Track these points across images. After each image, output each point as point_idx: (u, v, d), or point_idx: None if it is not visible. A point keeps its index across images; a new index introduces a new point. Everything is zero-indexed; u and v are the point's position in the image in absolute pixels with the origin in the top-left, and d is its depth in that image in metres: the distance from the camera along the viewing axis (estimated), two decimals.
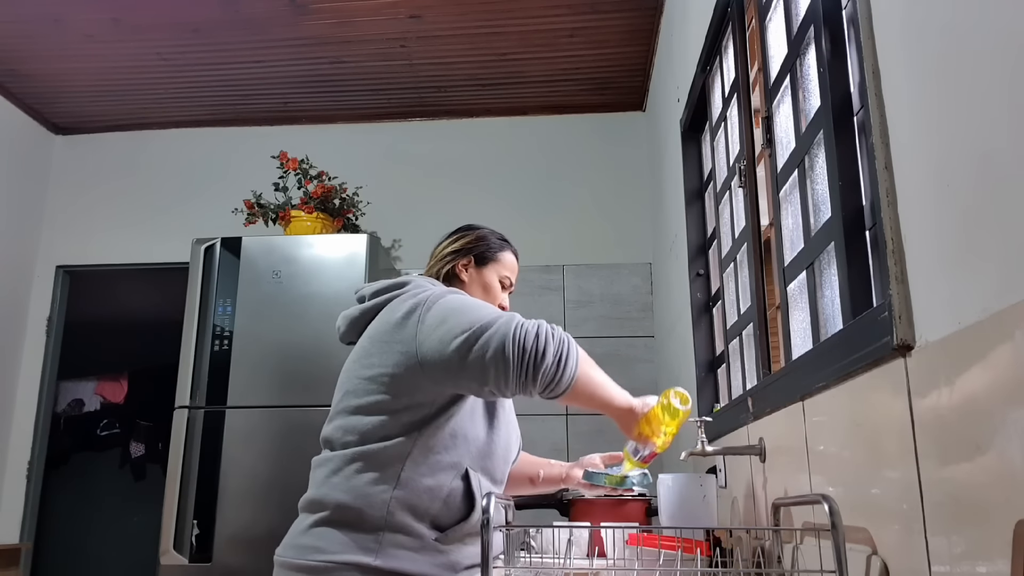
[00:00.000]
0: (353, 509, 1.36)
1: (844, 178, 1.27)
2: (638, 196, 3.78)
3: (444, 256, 1.67)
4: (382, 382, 1.42)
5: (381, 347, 1.45)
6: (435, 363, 1.37)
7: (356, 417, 1.44)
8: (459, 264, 1.66)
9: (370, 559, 1.32)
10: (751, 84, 1.98)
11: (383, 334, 1.46)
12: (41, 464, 3.79)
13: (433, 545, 1.36)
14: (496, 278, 1.68)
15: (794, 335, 1.65)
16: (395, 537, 1.34)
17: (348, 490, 1.38)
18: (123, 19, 3.21)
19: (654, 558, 1.31)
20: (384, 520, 1.34)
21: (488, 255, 1.68)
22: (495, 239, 1.72)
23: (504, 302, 1.69)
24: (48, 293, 3.92)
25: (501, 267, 1.69)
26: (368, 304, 1.55)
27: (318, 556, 1.34)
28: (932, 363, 0.91)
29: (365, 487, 1.37)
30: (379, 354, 1.44)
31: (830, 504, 1.03)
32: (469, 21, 3.22)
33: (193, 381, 3.04)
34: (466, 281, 1.65)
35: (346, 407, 1.46)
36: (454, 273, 1.65)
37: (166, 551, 2.87)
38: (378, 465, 1.38)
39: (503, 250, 1.71)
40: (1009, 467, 0.75)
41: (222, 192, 3.81)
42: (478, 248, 1.68)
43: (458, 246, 1.68)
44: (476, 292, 1.64)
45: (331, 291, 3.08)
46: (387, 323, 1.47)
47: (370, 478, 1.37)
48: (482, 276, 1.67)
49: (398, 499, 1.36)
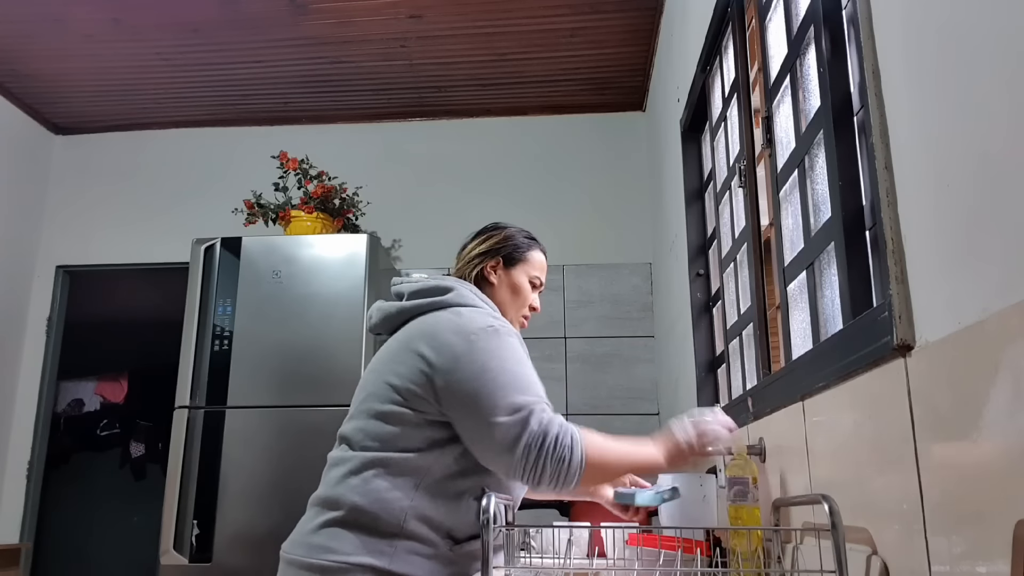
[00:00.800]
0: (369, 513, 1.34)
1: (844, 178, 1.27)
2: (638, 196, 3.78)
3: (472, 258, 1.63)
4: (406, 395, 1.40)
5: (412, 359, 1.41)
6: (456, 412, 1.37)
7: (376, 423, 1.41)
8: (487, 266, 1.61)
9: (384, 563, 1.31)
10: (751, 84, 1.98)
11: (417, 346, 1.43)
12: (41, 464, 3.79)
13: (447, 555, 1.35)
14: (526, 279, 1.63)
15: (794, 335, 1.65)
16: (409, 544, 1.33)
17: (365, 493, 1.36)
18: (123, 19, 3.21)
19: (654, 558, 1.31)
20: (400, 527, 1.33)
21: (516, 255, 1.64)
22: (523, 238, 1.67)
23: (535, 302, 1.65)
24: (48, 293, 3.91)
25: (530, 267, 1.64)
26: (407, 304, 1.52)
27: (331, 556, 1.33)
28: (932, 363, 0.91)
29: (382, 493, 1.35)
30: (409, 365, 1.41)
31: (830, 504, 1.03)
32: (469, 21, 3.22)
33: (193, 381, 3.04)
34: (495, 284, 1.61)
35: (367, 410, 1.44)
36: (483, 275, 1.61)
37: (166, 551, 2.87)
38: (397, 473, 1.37)
39: (531, 249, 1.66)
40: (1009, 467, 0.75)
41: (222, 192, 3.80)
42: (506, 249, 1.63)
43: (485, 247, 1.63)
44: (505, 294, 1.60)
45: (331, 291, 3.08)
46: (422, 336, 1.44)
47: (388, 485, 1.36)
48: (511, 277, 1.62)
49: (415, 508, 1.34)
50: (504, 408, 1.33)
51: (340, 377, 2.93)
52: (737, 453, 1.46)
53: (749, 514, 1.41)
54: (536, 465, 1.31)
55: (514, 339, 1.45)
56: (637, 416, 3.50)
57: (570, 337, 3.64)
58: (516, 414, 1.33)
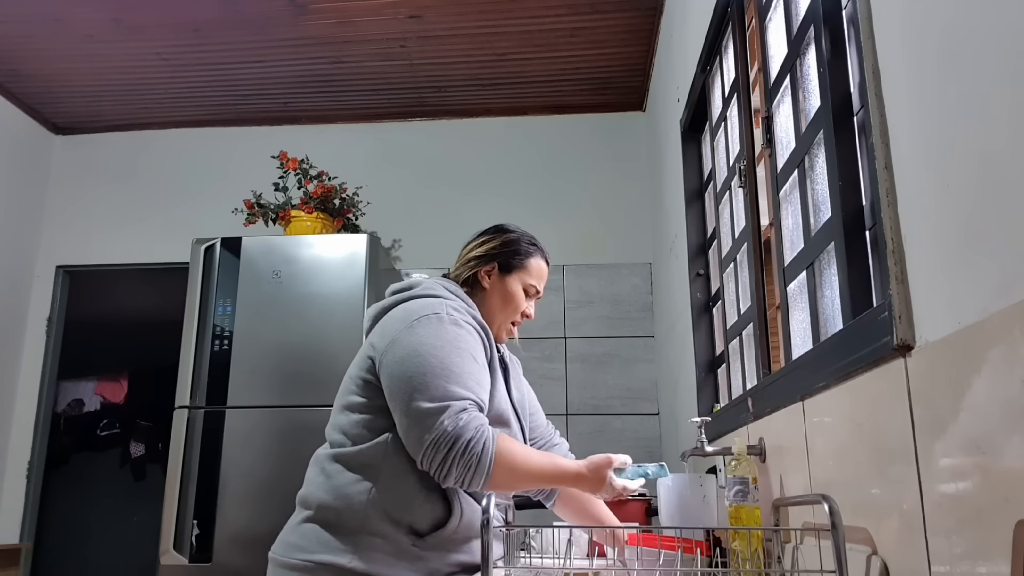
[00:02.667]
0: (333, 509, 1.37)
1: (844, 178, 1.27)
2: (638, 196, 3.78)
3: (468, 261, 1.62)
4: (360, 384, 1.46)
5: (366, 347, 1.49)
6: (387, 394, 1.40)
7: (343, 415, 1.47)
8: (482, 271, 1.60)
9: (346, 561, 1.32)
10: (751, 84, 1.98)
11: (372, 336, 1.50)
12: (41, 464, 3.79)
13: (411, 551, 1.35)
14: (520, 286, 1.60)
15: (794, 335, 1.65)
16: (372, 540, 1.34)
17: (330, 490, 1.39)
18: (123, 19, 3.21)
19: (654, 558, 1.31)
20: (361, 523, 1.34)
21: (514, 263, 1.61)
22: (524, 244, 1.63)
23: (529, 310, 1.63)
24: (48, 293, 3.91)
25: (527, 275, 1.61)
26: (384, 303, 1.56)
27: (299, 555, 1.36)
28: (932, 363, 0.91)
29: (344, 487, 1.38)
30: (363, 354, 1.49)
31: (830, 504, 1.03)
32: (469, 21, 3.22)
33: (193, 381, 3.04)
34: (487, 289, 1.59)
35: (338, 405, 1.50)
36: (476, 280, 1.60)
37: (166, 551, 2.87)
38: (357, 466, 1.39)
39: (531, 256, 1.63)
40: (1009, 467, 0.75)
41: (222, 192, 3.80)
42: (504, 255, 1.61)
43: (482, 251, 1.61)
44: (495, 301, 1.59)
45: (331, 291, 3.08)
46: (377, 327, 1.50)
47: (349, 479, 1.38)
48: (504, 284, 1.60)
49: (374, 502, 1.35)
50: (425, 394, 1.33)
51: (340, 377, 2.87)
52: (738, 453, 1.46)
53: (749, 514, 1.41)
54: (443, 464, 1.31)
55: (461, 330, 1.43)
56: (637, 416, 3.50)
57: (570, 337, 3.64)
58: (435, 403, 1.33)
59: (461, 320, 1.45)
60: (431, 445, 1.31)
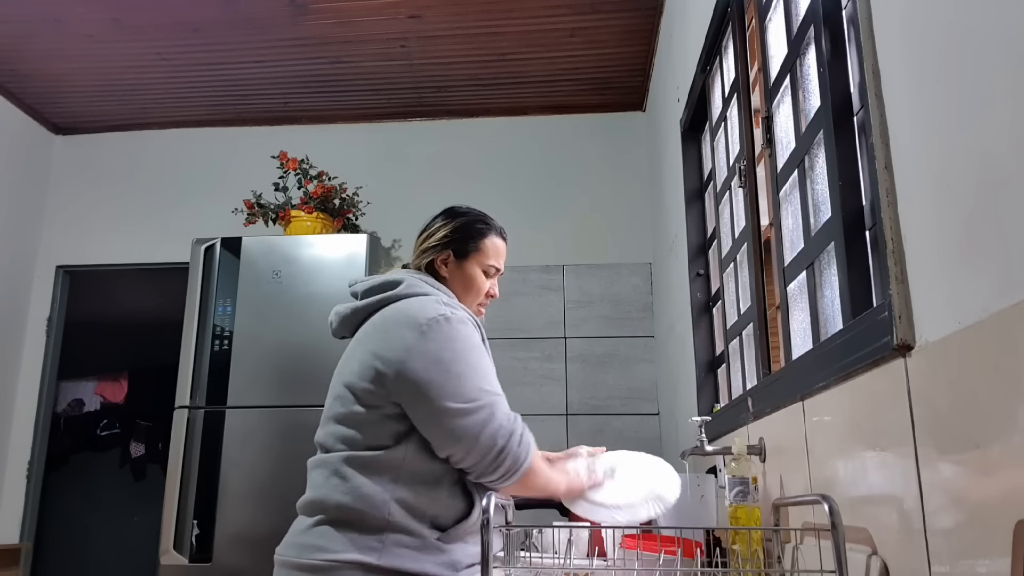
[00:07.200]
0: (355, 510, 1.36)
1: (844, 178, 1.27)
2: (638, 196, 3.78)
3: (423, 251, 1.61)
4: (361, 394, 1.42)
5: (365, 356, 1.44)
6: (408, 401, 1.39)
7: (341, 427, 1.44)
8: (438, 260, 1.59)
9: (373, 558, 1.32)
10: (751, 84, 1.98)
11: (369, 343, 1.45)
12: (41, 464, 3.79)
13: (435, 544, 1.37)
14: (479, 269, 1.60)
15: (794, 335, 1.65)
16: (398, 537, 1.35)
17: (347, 492, 1.38)
18: (123, 19, 3.21)
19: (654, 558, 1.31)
20: (386, 521, 1.35)
21: (468, 247, 1.60)
22: (476, 226, 1.62)
23: (493, 289, 1.63)
24: (48, 293, 3.91)
25: (483, 256, 1.61)
26: (360, 304, 1.53)
27: (321, 555, 1.34)
28: (932, 363, 0.91)
29: (364, 489, 1.37)
30: (362, 362, 1.43)
31: (830, 504, 1.03)
32: (469, 21, 3.22)
33: (193, 381, 3.04)
34: (447, 277, 1.59)
35: (333, 415, 1.46)
36: (434, 269, 1.60)
37: (166, 551, 2.87)
38: (375, 470, 1.39)
39: (484, 236, 1.61)
40: (1009, 467, 0.75)
41: (222, 192, 3.80)
42: (456, 241, 1.60)
43: (435, 241, 1.61)
44: (457, 288, 1.59)
45: (331, 291, 3.08)
46: (375, 332, 1.46)
47: (368, 481, 1.38)
48: (463, 271, 1.59)
49: (397, 501, 1.36)
50: (460, 396, 1.35)
51: None
52: (738, 453, 1.46)
53: (749, 514, 1.41)
54: (498, 456, 1.34)
55: (467, 326, 1.44)
56: (637, 416, 3.50)
57: (570, 337, 3.63)
58: (475, 402, 1.35)
59: (464, 317, 1.46)
60: (489, 439, 1.34)
